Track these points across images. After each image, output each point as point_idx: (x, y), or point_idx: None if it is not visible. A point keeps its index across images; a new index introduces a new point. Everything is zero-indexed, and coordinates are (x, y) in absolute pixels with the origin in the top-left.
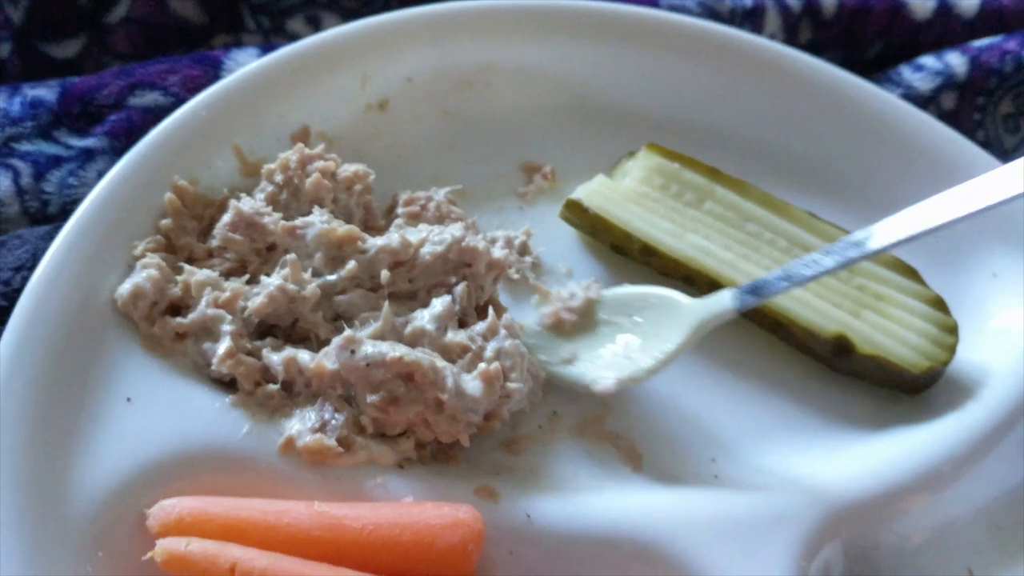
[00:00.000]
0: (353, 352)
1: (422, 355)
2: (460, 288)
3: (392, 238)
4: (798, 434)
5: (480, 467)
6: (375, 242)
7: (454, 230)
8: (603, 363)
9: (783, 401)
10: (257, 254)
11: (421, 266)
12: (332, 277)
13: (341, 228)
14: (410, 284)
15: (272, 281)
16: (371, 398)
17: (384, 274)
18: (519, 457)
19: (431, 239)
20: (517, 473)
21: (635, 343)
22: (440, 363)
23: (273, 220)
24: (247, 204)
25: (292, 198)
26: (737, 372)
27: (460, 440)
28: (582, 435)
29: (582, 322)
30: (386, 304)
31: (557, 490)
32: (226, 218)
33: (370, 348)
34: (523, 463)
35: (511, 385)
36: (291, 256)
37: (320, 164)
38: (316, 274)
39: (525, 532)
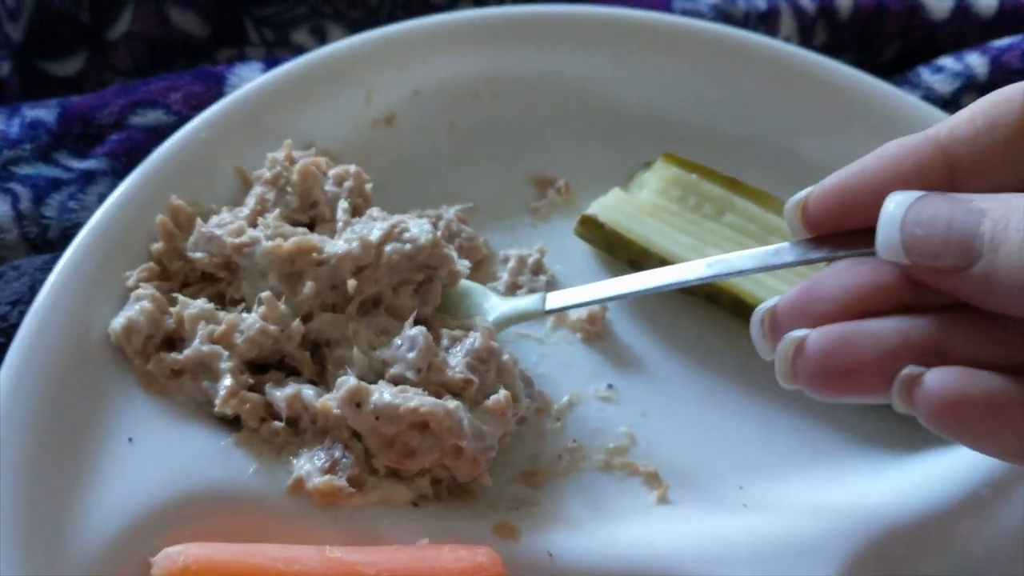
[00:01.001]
0: (359, 405)
1: (436, 402)
2: (434, 288)
3: (352, 244)
4: (828, 456)
5: (498, 502)
6: (334, 250)
7: (423, 231)
8: None
9: (811, 422)
10: (227, 268)
11: (387, 265)
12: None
13: (289, 242)
14: (375, 284)
15: (252, 322)
16: (384, 453)
17: (351, 284)
18: (539, 490)
19: (397, 236)
20: (537, 507)
21: None
22: (452, 404)
23: (228, 231)
24: (214, 219)
25: (280, 194)
26: (763, 392)
27: (482, 480)
28: (605, 465)
29: None
30: (356, 350)
31: (579, 525)
32: (192, 236)
33: (379, 399)
34: (543, 496)
35: (521, 404)
36: (266, 294)
37: (309, 160)
38: (277, 296)
39: (547, 572)
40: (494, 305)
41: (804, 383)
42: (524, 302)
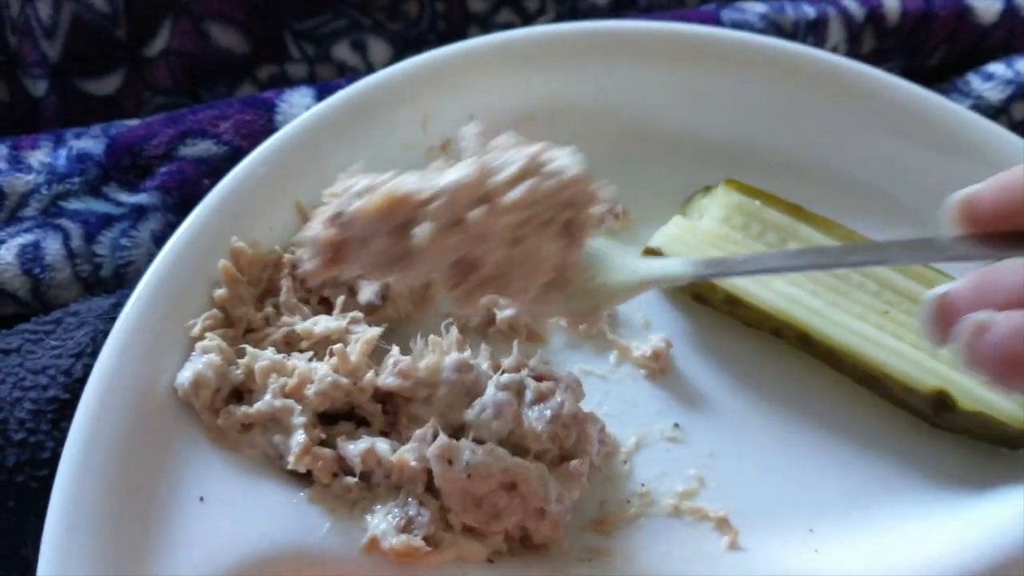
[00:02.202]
0: (451, 462)
1: (527, 464)
2: (583, 227)
3: (466, 171)
4: (898, 497)
5: (571, 552)
6: (446, 183)
7: (572, 161)
8: None
9: (880, 460)
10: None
11: (527, 200)
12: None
13: (377, 194)
14: (508, 215)
15: (324, 374)
16: (471, 513)
17: (476, 213)
18: (609, 538)
19: (538, 168)
20: (609, 558)
21: None
22: (538, 465)
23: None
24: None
25: None
26: (829, 429)
27: (558, 542)
28: (674, 511)
29: None
30: (432, 423)
31: None
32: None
33: (471, 456)
34: (614, 545)
35: (596, 466)
36: (338, 347)
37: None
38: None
39: None
40: (636, 262)
41: (984, 368)
42: (672, 263)
